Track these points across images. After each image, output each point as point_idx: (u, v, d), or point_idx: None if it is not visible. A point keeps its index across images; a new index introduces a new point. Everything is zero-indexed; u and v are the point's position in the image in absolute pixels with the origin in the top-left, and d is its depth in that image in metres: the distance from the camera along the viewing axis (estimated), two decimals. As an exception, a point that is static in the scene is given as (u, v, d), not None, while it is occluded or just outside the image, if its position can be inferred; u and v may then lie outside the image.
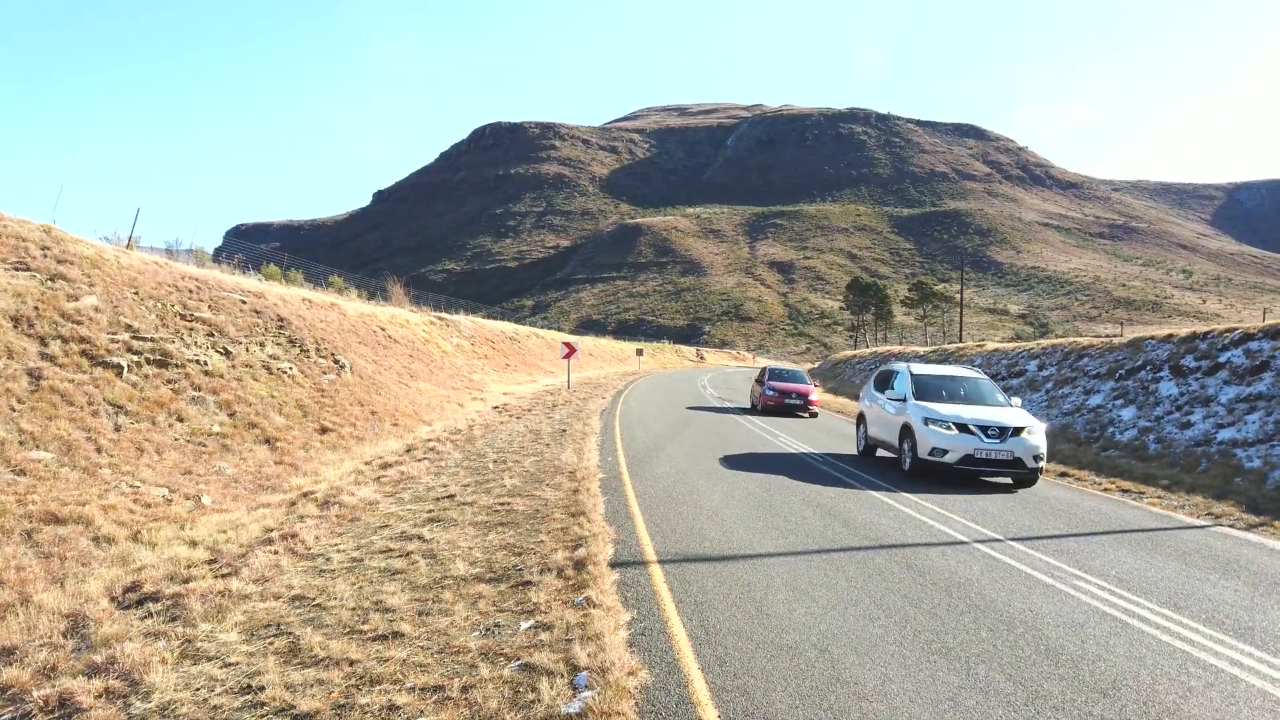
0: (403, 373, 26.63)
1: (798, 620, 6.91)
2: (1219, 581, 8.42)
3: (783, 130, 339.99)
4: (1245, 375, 18.53)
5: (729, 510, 11.51)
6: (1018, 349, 32.33)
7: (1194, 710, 5.29)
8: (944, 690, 5.53)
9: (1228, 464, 15.73)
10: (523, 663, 5.97)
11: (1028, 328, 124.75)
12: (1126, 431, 19.77)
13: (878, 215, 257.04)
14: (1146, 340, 23.95)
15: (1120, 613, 7.26)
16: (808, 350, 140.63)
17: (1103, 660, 6.12)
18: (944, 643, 6.42)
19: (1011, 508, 12.36)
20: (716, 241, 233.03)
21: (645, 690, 5.54)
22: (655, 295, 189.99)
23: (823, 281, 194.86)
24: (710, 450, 18.12)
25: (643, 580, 8.05)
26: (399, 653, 6.18)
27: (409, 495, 12.27)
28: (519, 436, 19.28)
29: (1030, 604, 7.47)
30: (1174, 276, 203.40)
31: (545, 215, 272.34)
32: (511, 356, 47.75)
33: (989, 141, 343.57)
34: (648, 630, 6.66)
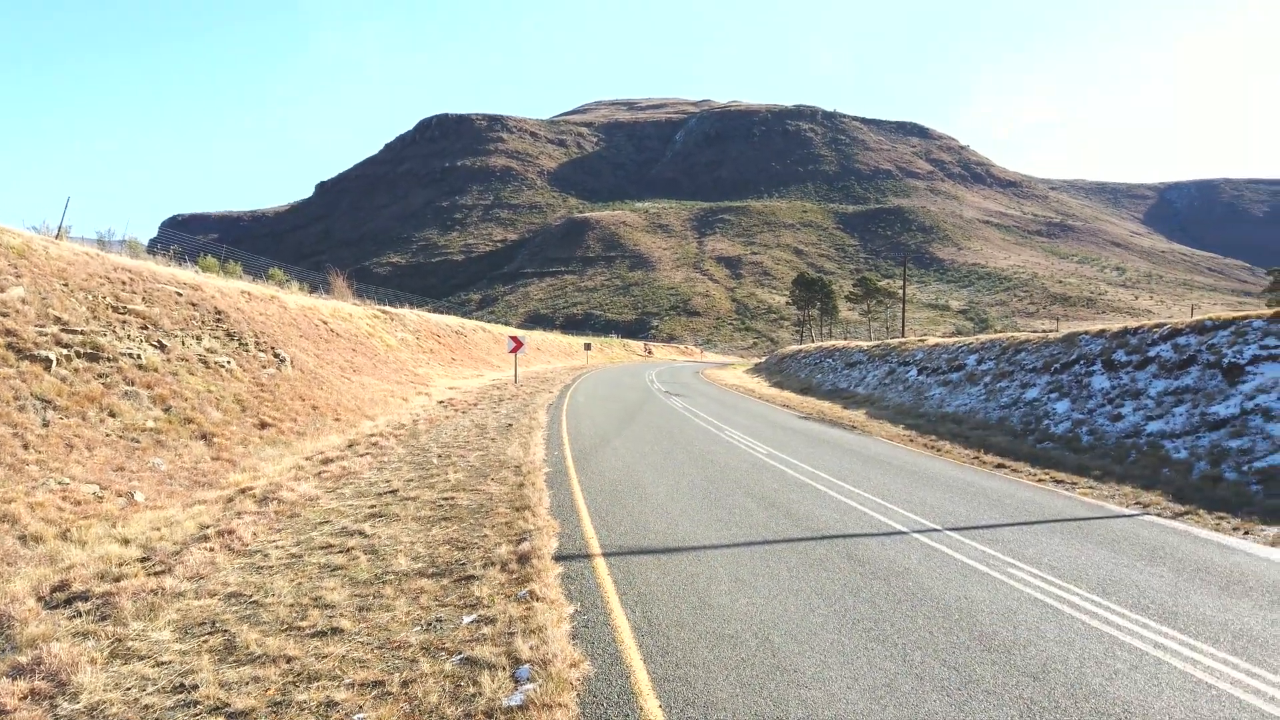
0: (345, 367, 26.22)
1: (740, 610, 6.98)
2: (1145, 568, 8.71)
3: (731, 126, 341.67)
4: (1173, 369, 19.16)
5: (674, 503, 11.57)
6: (958, 344, 33.00)
7: (1119, 692, 5.48)
8: (881, 677, 5.65)
9: (1156, 455, 16.25)
10: (464, 656, 5.95)
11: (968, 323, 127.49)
12: (1061, 424, 20.31)
13: (824, 212, 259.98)
14: (1081, 335, 24.63)
15: (1051, 599, 7.47)
16: (754, 345, 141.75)
17: (1034, 645, 6.30)
18: (882, 630, 6.55)
19: (950, 498, 12.62)
20: (665, 236, 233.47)
21: (587, 681, 5.56)
22: (604, 290, 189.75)
23: (770, 277, 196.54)
24: (656, 444, 18.18)
25: (587, 573, 8.06)
26: (338, 649, 6.11)
27: (350, 491, 12.11)
28: (464, 431, 19.13)
29: (966, 592, 7.65)
30: (1108, 273, 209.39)
31: (492, 208, 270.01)
32: (457, 351, 47.30)
33: (932, 140, 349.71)
34: (591, 622, 6.68)
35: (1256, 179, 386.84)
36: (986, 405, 24.43)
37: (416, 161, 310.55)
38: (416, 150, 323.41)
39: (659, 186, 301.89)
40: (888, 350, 39.04)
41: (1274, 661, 6.03)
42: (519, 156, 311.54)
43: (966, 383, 27.59)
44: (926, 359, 33.18)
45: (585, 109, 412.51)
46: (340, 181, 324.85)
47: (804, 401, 33.83)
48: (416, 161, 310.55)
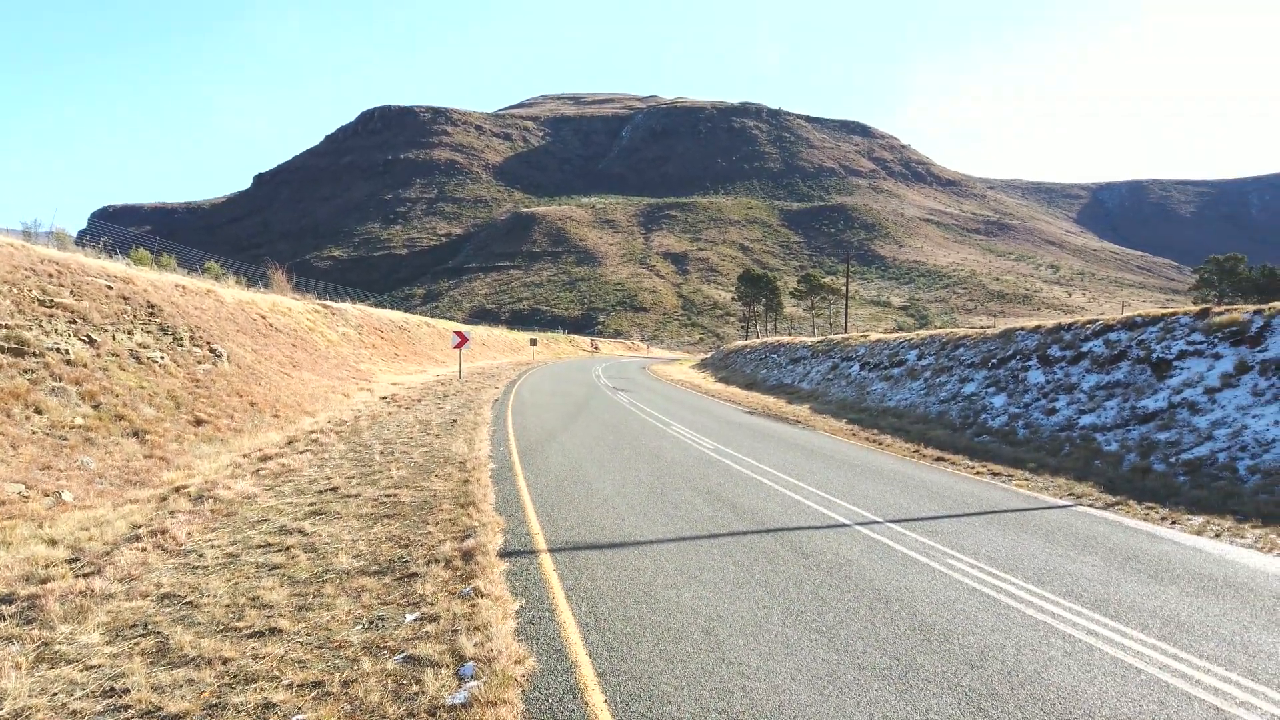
0: (285, 362, 25.67)
1: (685, 604, 7.01)
2: (1078, 557, 8.95)
3: (677, 122, 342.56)
4: (1105, 364, 19.74)
5: (620, 498, 11.57)
6: (899, 339, 33.56)
7: (1053, 678, 5.62)
8: (824, 667, 5.71)
9: (1088, 447, 16.72)
10: (407, 655, 5.86)
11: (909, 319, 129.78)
12: (998, 418, 20.79)
13: (769, 209, 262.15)
14: (1017, 331, 25.25)
15: (989, 589, 7.64)
16: (701, 340, 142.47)
17: (972, 634, 6.43)
18: (825, 621, 6.63)
19: (891, 491, 12.83)
20: (611, 232, 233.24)
21: (533, 678, 5.53)
22: (550, 285, 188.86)
23: (716, 273, 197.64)
24: (603, 439, 18.16)
25: (532, 569, 8.01)
26: (276, 649, 5.98)
27: (290, 488, 11.86)
28: (408, 427, 18.88)
29: (906, 582, 7.78)
30: (1043, 271, 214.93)
31: (437, 202, 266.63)
32: (401, 346, 46.66)
33: (874, 139, 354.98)
34: (536, 618, 6.64)
35: (1183, 180, 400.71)
36: (927, 400, 24.89)
37: (358, 153, 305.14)
38: (358, 142, 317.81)
39: (606, 182, 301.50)
40: (831, 346, 39.55)
41: (1199, 646, 6.25)
42: (464, 150, 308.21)
43: (907, 378, 28.07)
44: (869, 354, 33.69)
45: (531, 103, 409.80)
46: (279, 173, 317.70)
47: (749, 397, 34.10)
48: (358, 153, 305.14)
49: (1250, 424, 14.56)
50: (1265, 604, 7.36)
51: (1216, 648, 6.22)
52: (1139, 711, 5.12)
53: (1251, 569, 8.62)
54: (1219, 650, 6.17)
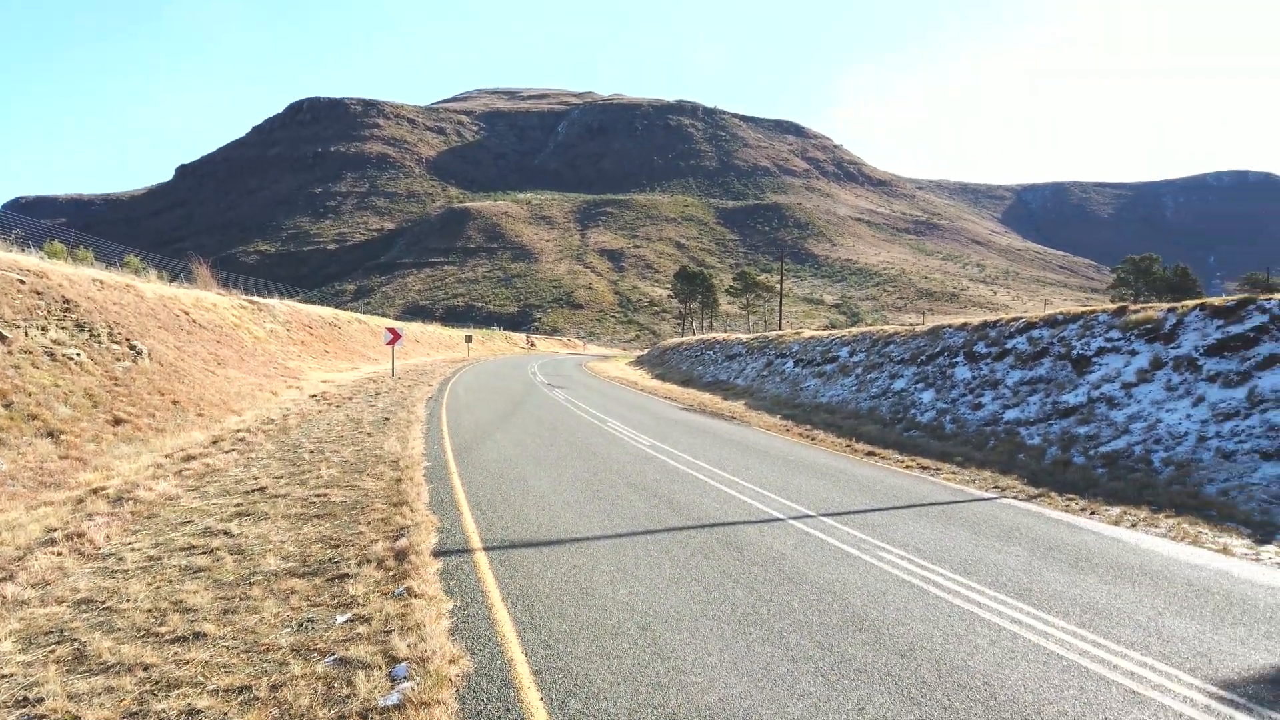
0: (209, 360, 24.93)
1: (621, 600, 7.01)
2: (1003, 548, 9.21)
3: (613, 119, 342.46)
4: (1028, 360, 20.36)
5: (556, 496, 11.52)
6: (832, 336, 34.10)
7: (979, 666, 5.77)
8: (758, 660, 5.77)
9: (1013, 441, 17.23)
10: (338, 657, 5.75)
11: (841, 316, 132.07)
12: (926, 413, 21.28)
13: (704, 206, 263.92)
14: (944, 329, 25.87)
15: (918, 580, 7.81)
16: (637, 337, 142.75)
17: (901, 624, 6.56)
18: (759, 615, 6.70)
19: (824, 485, 13.03)
20: (548, 228, 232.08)
21: (468, 677, 5.47)
22: (485, 281, 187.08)
23: (652, 270, 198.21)
24: (539, 437, 18.06)
25: (467, 568, 7.93)
26: (201, 654, 5.80)
27: (215, 489, 11.52)
28: (338, 425, 18.51)
29: (839, 575, 7.91)
30: (970, 270, 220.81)
31: (368, 196, 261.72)
32: (331, 343, 45.71)
33: (808, 139, 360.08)
34: (471, 618, 6.57)
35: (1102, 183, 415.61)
36: (858, 395, 25.35)
37: (287, 146, 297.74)
38: (287, 134, 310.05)
39: (542, 177, 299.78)
40: (766, 343, 40.00)
41: (1117, 632, 6.48)
42: (396, 143, 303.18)
43: (840, 374, 28.54)
44: (802, 351, 34.16)
45: (465, 97, 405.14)
46: (203, 165, 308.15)
47: (685, 393, 34.28)
48: (287, 146, 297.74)
49: (1164, 418, 15.16)
50: (1178, 590, 7.67)
51: (1133, 633, 6.46)
52: (1060, 696, 5.29)
53: (1165, 557, 8.98)
54: (1135, 636, 6.41)
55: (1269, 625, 6.74)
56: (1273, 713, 5.09)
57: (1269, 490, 11.74)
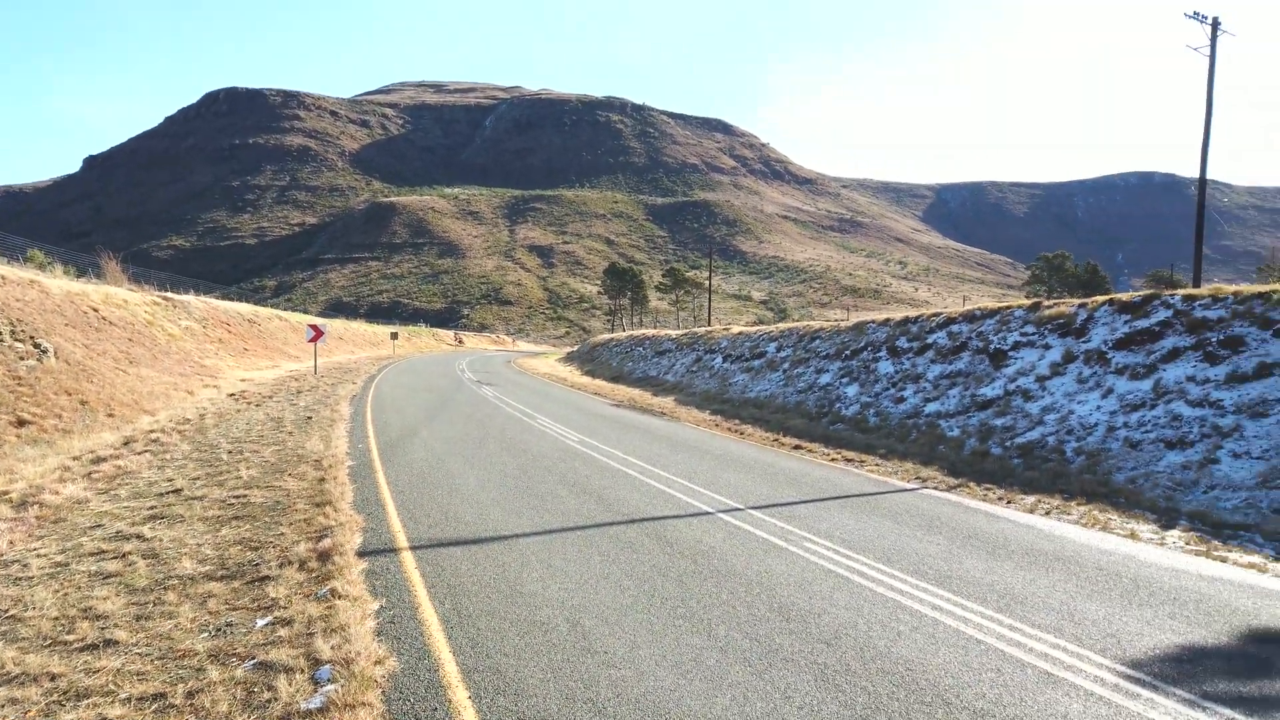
0: (121, 358, 23.98)
1: (551, 596, 6.98)
2: (924, 537, 9.46)
3: (541, 114, 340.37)
4: (948, 355, 20.93)
5: (485, 493, 11.41)
6: (759, 332, 34.52)
7: (902, 652, 5.91)
8: (687, 652, 5.81)
9: (933, 433, 17.70)
10: (258, 661, 5.60)
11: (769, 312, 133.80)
12: (851, 406, 21.71)
13: (633, 203, 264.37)
14: (868, 324, 26.42)
15: (843, 569, 7.96)
16: (567, 334, 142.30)
17: (827, 614, 6.68)
18: (689, 607, 6.74)
19: (752, 479, 13.18)
20: (475, 223, 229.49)
21: (394, 678, 5.38)
22: (411, 277, 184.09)
23: (581, 266, 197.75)
24: (467, 434, 17.86)
25: (393, 568, 7.79)
26: (112, 662, 5.58)
27: (127, 492, 11.09)
28: (258, 425, 18.01)
29: (766, 566, 8.01)
30: (892, 267, 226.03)
31: (289, 190, 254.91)
32: (250, 340, 44.43)
33: (735, 137, 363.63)
34: (398, 618, 6.46)
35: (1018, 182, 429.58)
36: (785, 390, 25.72)
37: (202, 137, 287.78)
38: (202, 125, 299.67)
39: (469, 172, 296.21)
40: (695, 339, 40.27)
41: (1032, 616, 6.71)
42: (318, 136, 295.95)
43: (767, 369, 28.91)
44: (731, 347, 34.50)
45: (390, 89, 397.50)
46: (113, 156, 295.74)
47: (615, 389, 34.31)
48: (202, 137, 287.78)
49: (1076, 409, 15.75)
50: (1089, 575, 7.98)
51: (1047, 617, 6.70)
52: (979, 679, 5.45)
53: (1077, 543, 9.34)
54: (1049, 619, 6.64)
55: (1173, 606, 7.06)
56: (1176, 689, 5.32)
57: (1172, 478, 12.30)
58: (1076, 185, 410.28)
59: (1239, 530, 10.10)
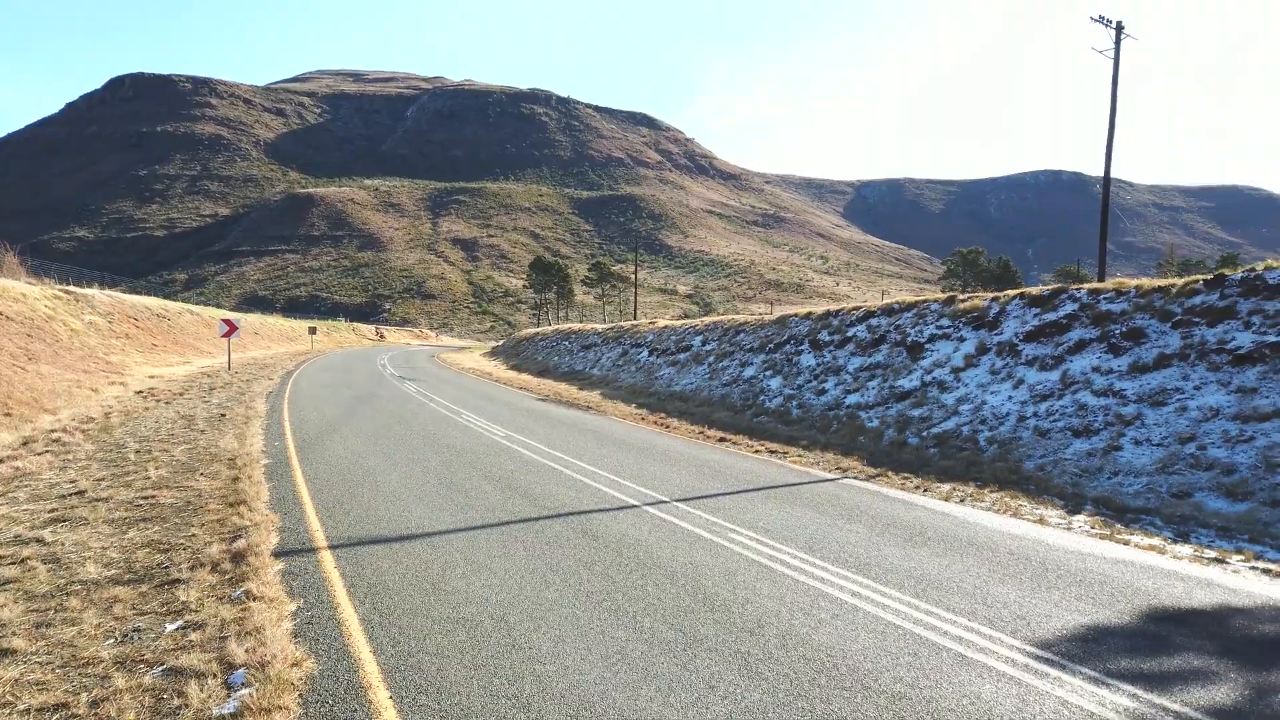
0: (18, 354, 22.83)
1: (475, 593, 6.89)
2: (845, 526, 9.65)
3: (465, 105, 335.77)
4: (868, 347, 21.39)
5: (407, 490, 11.21)
6: (685, 326, 34.75)
7: (823, 639, 6.01)
8: (613, 645, 5.81)
9: (854, 424, 18.08)
10: (168, 667, 5.39)
11: (694, 306, 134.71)
12: (774, 399, 22.03)
13: (559, 196, 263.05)
14: (791, 318, 26.83)
15: (766, 559, 8.07)
16: (492, 328, 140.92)
17: (751, 603, 6.76)
18: (614, 601, 6.74)
19: (678, 471, 13.26)
20: (397, 216, 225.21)
21: (311, 680, 5.25)
22: (330, 270, 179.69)
23: (507, 260, 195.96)
24: (389, 430, 17.54)
25: (311, 568, 7.60)
26: (10, 672, 5.32)
27: (25, 494, 10.56)
28: (168, 423, 17.37)
29: (691, 557, 8.07)
30: (814, 261, 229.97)
31: (200, 180, 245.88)
32: (160, 336, 42.79)
33: (661, 131, 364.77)
34: (316, 619, 6.31)
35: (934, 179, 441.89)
36: (711, 383, 25.94)
37: (107, 124, 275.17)
38: (107, 112, 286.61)
39: (390, 164, 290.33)
40: (621, 333, 40.32)
41: (948, 601, 6.91)
42: (231, 124, 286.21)
43: (693, 363, 29.12)
44: (657, 341, 34.63)
45: (306, 77, 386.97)
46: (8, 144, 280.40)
47: (541, 384, 34.14)
48: (107, 124, 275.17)
49: (989, 400, 16.27)
50: (1001, 560, 8.25)
51: (962, 601, 6.91)
52: (896, 664, 5.58)
53: (990, 529, 9.65)
54: (964, 604, 6.85)
55: (1079, 588, 7.35)
56: (1083, 668, 5.54)
57: (1079, 465, 12.81)
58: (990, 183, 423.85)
59: (1140, 514, 10.58)
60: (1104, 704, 5.01)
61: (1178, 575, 7.86)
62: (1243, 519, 9.90)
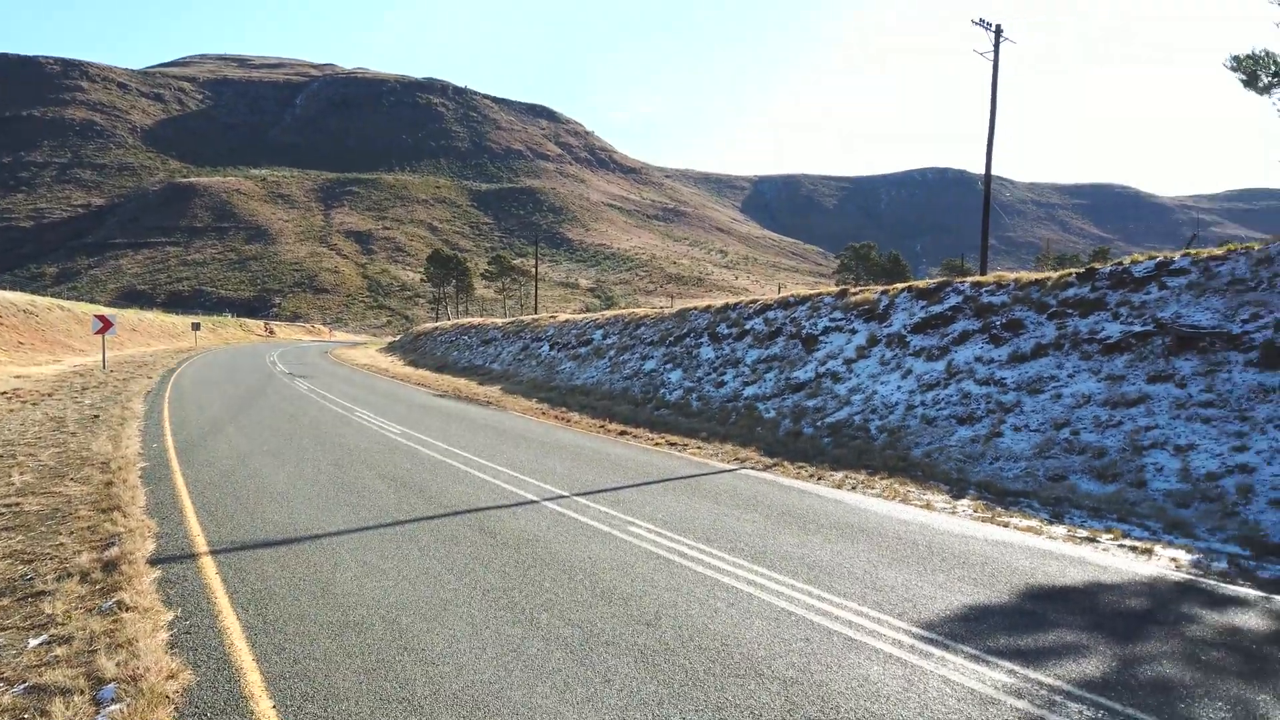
0: None
1: (367, 595, 6.71)
2: (742, 516, 9.80)
3: (358, 94, 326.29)
4: (765, 340, 21.79)
5: (296, 491, 10.83)
6: (586, 320, 34.71)
7: (718, 627, 6.08)
8: (508, 643, 5.73)
9: (752, 415, 18.39)
10: (30, 685, 5.07)
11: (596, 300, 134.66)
12: (675, 391, 22.22)
13: (457, 188, 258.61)
14: (690, 311, 27.11)
15: (664, 551, 8.11)
16: (389, 323, 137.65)
17: (648, 595, 6.78)
18: (511, 598, 6.66)
19: (578, 466, 13.22)
20: (287, 207, 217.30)
21: (188, 692, 5.01)
22: (215, 264, 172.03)
23: (403, 253, 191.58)
24: (278, 430, 16.92)
25: (191, 575, 7.25)
26: None
27: None
28: (35, 425, 16.33)
29: (590, 552, 8.05)
30: (714, 255, 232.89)
31: (71, 168, 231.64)
32: (27, 333, 40.20)
33: (560, 124, 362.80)
34: (195, 628, 6.02)
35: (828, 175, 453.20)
36: (612, 377, 25.98)
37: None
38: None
39: (279, 153, 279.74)
40: (522, 327, 39.99)
41: (839, 586, 7.09)
42: (105, 109, 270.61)
43: (594, 356, 29.10)
44: (558, 335, 34.48)
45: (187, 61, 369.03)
46: None
47: (440, 379, 33.55)
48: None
49: (879, 390, 16.78)
50: (890, 544, 8.52)
51: (851, 586, 7.10)
52: (789, 649, 5.69)
53: (880, 515, 9.96)
54: (853, 588, 7.04)
55: (963, 570, 7.65)
56: (964, 646, 5.76)
57: (963, 451, 13.35)
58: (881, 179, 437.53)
59: (1020, 497, 11.10)
60: (984, 680, 5.23)
61: (1053, 554, 8.27)
62: (1112, 499, 10.50)
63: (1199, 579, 7.53)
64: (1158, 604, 6.85)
